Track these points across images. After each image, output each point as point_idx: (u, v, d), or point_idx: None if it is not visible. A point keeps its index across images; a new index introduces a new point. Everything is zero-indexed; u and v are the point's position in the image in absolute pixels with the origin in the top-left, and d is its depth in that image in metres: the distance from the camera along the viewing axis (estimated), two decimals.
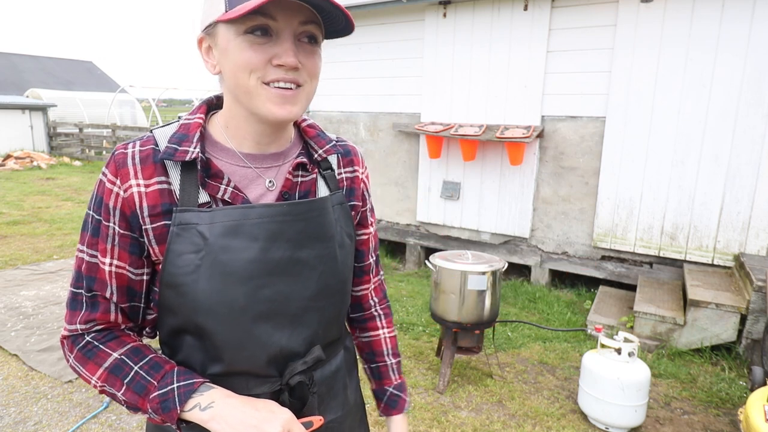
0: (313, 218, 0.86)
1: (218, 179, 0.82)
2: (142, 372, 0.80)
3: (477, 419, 2.73)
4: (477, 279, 2.86)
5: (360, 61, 5.56)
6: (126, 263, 0.81)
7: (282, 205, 0.84)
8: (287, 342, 0.86)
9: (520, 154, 4.49)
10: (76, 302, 0.83)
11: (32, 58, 25.90)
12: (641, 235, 4.24)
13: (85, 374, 0.82)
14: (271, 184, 0.86)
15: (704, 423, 2.75)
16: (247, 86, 0.77)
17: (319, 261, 0.87)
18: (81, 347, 0.82)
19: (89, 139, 14.18)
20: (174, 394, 0.77)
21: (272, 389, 0.87)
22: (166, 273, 0.80)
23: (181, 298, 0.80)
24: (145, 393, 0.78)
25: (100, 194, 0.80)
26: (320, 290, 0.88)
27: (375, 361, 1.13)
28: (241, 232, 0.80)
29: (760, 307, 3.20)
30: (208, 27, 0.80)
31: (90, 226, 0.81)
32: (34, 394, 2.86)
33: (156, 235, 0.80)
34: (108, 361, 0.81)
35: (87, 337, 0.83)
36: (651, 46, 3.97)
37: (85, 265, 0.81)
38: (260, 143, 0.86)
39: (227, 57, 0.77)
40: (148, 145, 0.81)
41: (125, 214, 0.79)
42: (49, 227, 6.63)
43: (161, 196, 0.79)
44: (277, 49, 0.76)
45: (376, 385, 1.14)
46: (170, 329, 0.86)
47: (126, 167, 0.79)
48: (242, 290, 0.81)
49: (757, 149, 3.72)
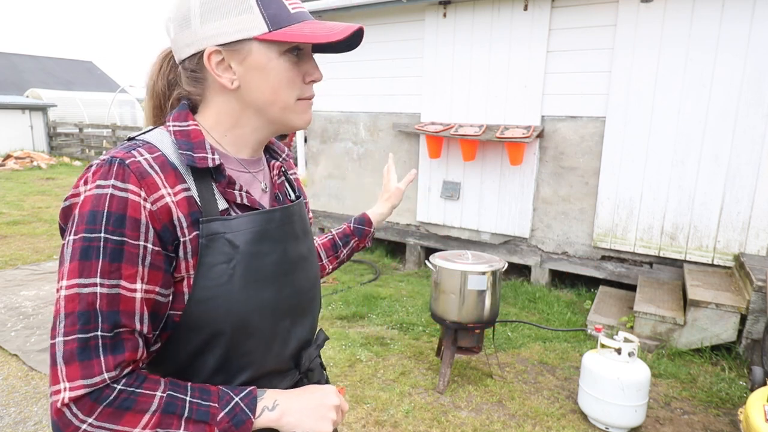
0: (302, 216, 0.95)
1: (232, 185, 0.82)
2: (196, 400, 0.74)
3: (477, 419, 2.73)
4: (477, 279, 2.86)
5: (360, 61, 5.56)
6: (157, 285, 0.73)
7: (292, 206, 0.91)
8: (302, 333, 0.92)
9: (520, 154, 4.49)
10: (88, 350, 0.67)
11: (32, 58, 25.89)
12: (641, 235, 4.24)
13: (121, 430, 0.69)
14: (265, 187, 0.91)
15: (704, 423, 2.75)
16: (287, 103, 0.82)
17: (310, 253, 0.96)
18: (111, 401, 0.68)
19: (89, 139, 14.19)
20: (240, 406, 0.75)
21: (293, 381, 0.91)
22: (199, 287, 0.76)
23: (215, 311, 0.77)
24: (211, 418, 0.73)
25: (117, 210, 0.69)
26: (315, 279, 0.97)
27: (343, 240, 1.29)
28: (267, 236, 0.83)
29: (760, 307, 3.20)
30: (232, 43, 0.77)
31: (106, 252, 0.68)
32: (34, 394, 2.86)
33: (192, 246, 0.76)
34: (154, 403, 0.71)
35: (117, 386, 0.69)
36: (651, 46, 3.97)
37: (103, 300, 0.68)
38: (256, 150, 0.90)
39: (265, 75, 0.79)
40: (155, 152, 0.76)
41: (156, 228, 0.72)
42: (49, 227, 6.63)
43: (189, 204, 0.76)
44: (306, 66, 0.83)
45: (340, 236, 1.28)
46: (191, 351, 0.79)
47: (150, 176, 0.72)
48: (271, 293, 0.84)
49: (757, 149, 3.72)
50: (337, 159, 5.94)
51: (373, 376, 3.16)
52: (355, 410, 2.77)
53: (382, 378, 3.13)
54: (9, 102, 14.17)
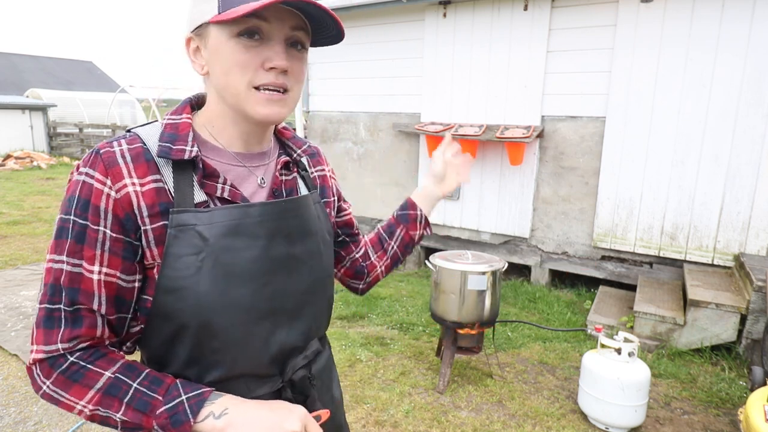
0: (302, 215, 0.89)
1: (214, 178, 0.81)
2: (143, 388, 0.74)
3: (477, 419, 2.73)
4: (477, 279, 2.86)
5: (360, 61, 5.56)
6: (117, 270, 0.76)
7: (279, 202, 0.85)
8: (287, 338, 0.87)
9: (520, 154, 4.49)
10: (52, 320, 0.74)
11: (32, 58, 25.90)
12: (641, 235, 4.24)
13: (68, 400, 0.75)
14: (263, 182, 0.88)
15: (704, 423, 2.75)
16: (237, 89, 0.78)
17: (309, 256, 0.90)
18: (63, 370, 0.74)
19: (89, 139, 14.20)
20: (184, 406, 0.73)
21: (273, 388, 0.87)
22: (165, 277, 0.77)
23: (181, 302, 0.77)
24: (150, 410, 0.73)
25: (84, 196, 0.74)
26: (312, 284, 0.90)
27: (388, 232, 1.20)
28: (242, 231, 0.80)
29: (760, 307, 3.20)
30: (198, 28, 0.79)
31: (72, 233, 0.74)
32: (34, 395, 2.86)
33: (155, 236, 0.77)
34: (101, 381, 0.74)
35: (71, 357, 0.74)
36: (651, 46, 3.97)
37: (66, 276, 0.73)
38: (248, 143, 0.87)
39: (218, 58, 0.78)
40: (136, 143, 0.78)
41: (118, 216, 0.74)
42: (49, 227, 6.63)
43: (158, 194, 0.77)
44: (268, 52, 0.77)
45: (405, 227, 1.19)
46: (163, 339, 0.81)
47: (117, 166, 0.75)
48: (246, 290, 0.80)
49: (757, 149, 3.72)
50: (337, 159, 5.94)
51: (373, 376, 3.16)
52: (355, 410, 2.77)
53: (382, 378, 3.13)
54: (9, 102, 14.16)
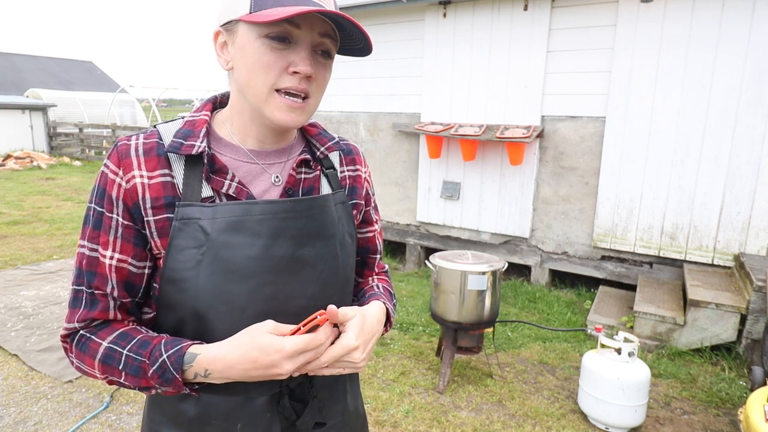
0: (315, 216, 0.86)
1: (223, 174, 0.82)
2: (132, 354, 0.78)
3: (477, 419, 2.73)
4: (477, 279, 2.86)
5: (360, 61, 5.56)
6: (128, 256, 0.80)
7: (285, 201, 0.83)
8: None
9: (520, 154, 4.49)
10: (77, 300, 0.81)
11: (32, 58, 25.90)
12: (641, 235, 4.24)
13: (89, 371, 0.81)
14: (277, 179, 0.87)
15: (704, 423, 2.75)
16: (260, 89, 0.78)
17: (320, 259, 0.86)
18: (77, 343, 0.81)
19: (89, 139, 14.18)
20: (167, 365, 0.76)
21: (272, 392, 0.87)
22: (168, 268, 0.79)
23: (182, 294, 0.80)
24: (143, 373, 0.77)
25: (102, 185, 0.79)
26: (321, 289, 0.87)
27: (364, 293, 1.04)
28: (243, 228, 0.80)
29: (760, 307, 3.20)
30: (228, 23, 0.80)
31: (92, 219, 0.80)
32: (34, 394, 2.86)
33: (158, 227, 0.79)
34: (99, 351, 0.79)
35: (81, 331, 0.81)
36: (651, 46, 3.97)
37: (86, 260, 0.80)
38: (264, 141, 0.87)
39: (244, 56, 0.78)
40: (152, 138, 0.82)
41: (128, 205, 0.78)
42: (49, 227, 6.63)
43: (164, 188, 0.79)
44: (294, 56, 0.77)
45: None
46: (168, 328, 0.84)
47: (129, 158, 0.79)
48: (243, 288, 0.80)
49: (757, 149, 3.72)
50: None
51: (373, 376, 3.16)
52: None
53: (382, 378, 3.13)
54: (9, 102, 14.15)
